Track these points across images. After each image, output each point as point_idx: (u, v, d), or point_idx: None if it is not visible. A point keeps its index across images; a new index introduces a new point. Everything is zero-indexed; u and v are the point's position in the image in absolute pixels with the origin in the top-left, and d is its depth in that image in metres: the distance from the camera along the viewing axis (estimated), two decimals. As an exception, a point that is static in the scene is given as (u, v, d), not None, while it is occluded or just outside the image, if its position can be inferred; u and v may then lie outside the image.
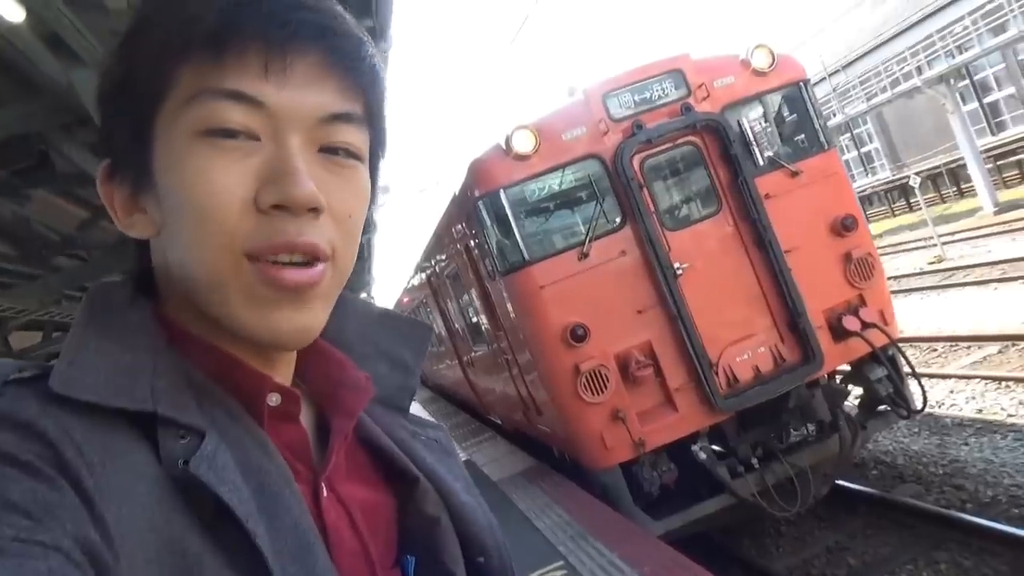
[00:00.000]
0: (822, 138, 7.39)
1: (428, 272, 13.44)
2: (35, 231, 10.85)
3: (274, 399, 0.78)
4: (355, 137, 0.78)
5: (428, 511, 0.86)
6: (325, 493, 0.79)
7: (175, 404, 0.70)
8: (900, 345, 7.28)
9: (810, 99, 7.42)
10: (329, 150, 0.76)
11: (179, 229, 0.73)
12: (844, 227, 7.02)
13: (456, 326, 12.44)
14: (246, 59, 0.71)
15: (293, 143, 0.73)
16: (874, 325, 6.92)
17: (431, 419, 1.05)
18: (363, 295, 40.38)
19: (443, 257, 10.98)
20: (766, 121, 7.37)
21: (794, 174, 7.07)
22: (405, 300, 22.86)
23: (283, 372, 0.83)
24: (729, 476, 6.83)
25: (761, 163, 7.14)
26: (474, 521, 0.89)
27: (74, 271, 12.38)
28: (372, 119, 0.80)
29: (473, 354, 11.75)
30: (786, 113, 7.52)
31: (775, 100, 7.43)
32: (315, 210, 0.73)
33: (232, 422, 0.74)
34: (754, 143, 7.16)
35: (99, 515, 0.60)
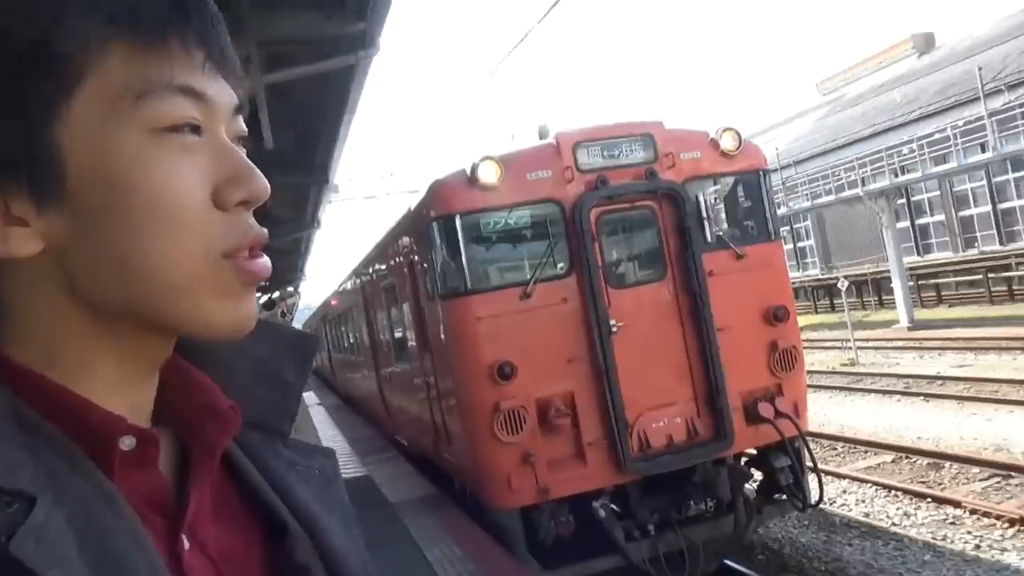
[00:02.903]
0: (771, 228, 7.67)
1: (364, 279, 13.27)
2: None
3: (127, 443, 0.67)
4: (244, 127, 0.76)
5: (298, 559, 0.78)
6: (187, 545, 0.70)
7: None
8: (807, 439, 7.54)
9: (766, 189, 7.71)
10: (237, 141, 0.74)
11: (136, 236, 0.65)
12: (776, 317, 7.26)
13: (381, 338, 12.29)
14: (190, 50, 0.68)
15: (227, 137, 0.71)
16: (787, 416, 7.15)
17: (318, 444, 0.96)
18: (290, 288, 39.55)
19: (383, 268, 10.87)
20: (722, 201, 7.62)
21: (739, 256, 7.30)
22: (333, 302, 22.49)
23: (142, 406, 0.73)
24: (624, 538, 6.89)
25: (710, 240, 7.35)
26: (347, 564, 0.82)
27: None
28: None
29: (392, 370, 11.60)
30: (742, 197, 7.79)
31: (734, 182, 7.69)
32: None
33: (73, 474, 0.63)
34: (708, 219, 7.38)
35: None
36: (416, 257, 8.04)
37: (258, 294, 32.20)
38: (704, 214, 7.39)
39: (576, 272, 6.96)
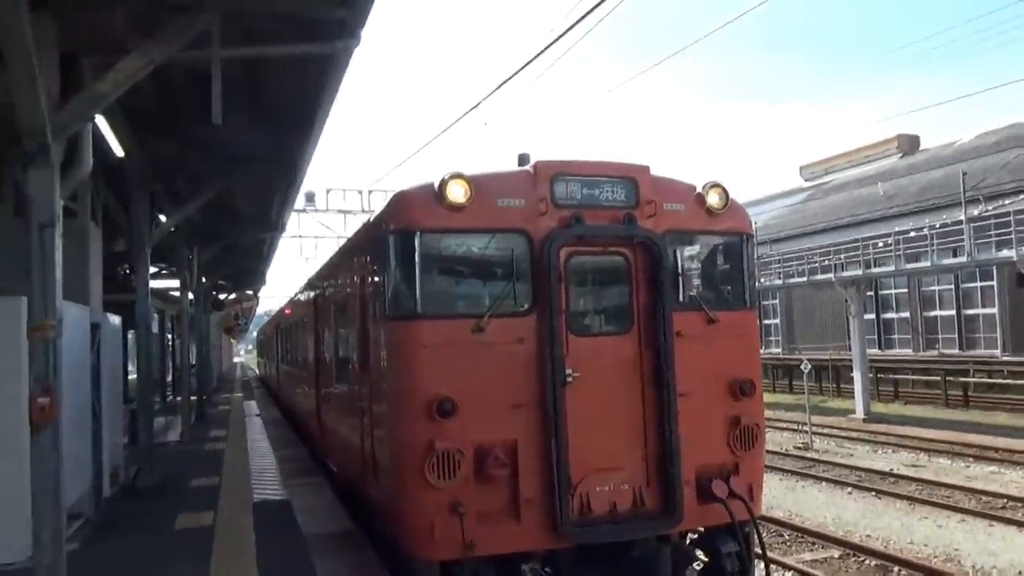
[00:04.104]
0: (748, 295, 7.23)
1: (316, 291, 12.64)
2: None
3: None
4: None
5: None
6: None
7: None
8: (759, 524, 7.00)
9: (748, 254, 7.29)
10: None
11: None
12: (742, 390, 6.78)
13: (325, 355, 11.61)
14: None
15: None
16: (740, 498, 6.62)
17: None
18: (248, 292, 38.52)
19: (336, 281, 10.27)
20: (700, 259, 7.18)
21: (711, 320, 6.83)
22: (287, 311, 21.76)
23: None
24: (550, 609, 6.24)
25: (682, 298, 6.89)
26: None
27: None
28: None
29: (331, 390, 10.93)
30: (721, 259, 7.36)
31: (715, 242, 7.27)
32: None
33: None
34: (682, 276, 6.93)
35: None
36: (368, 272, 7.46)
37: (216, 294, 31.21)
38: (679, 270, 6.94)
39: (537, 312, 6.41)
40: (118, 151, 9.54)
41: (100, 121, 8.29)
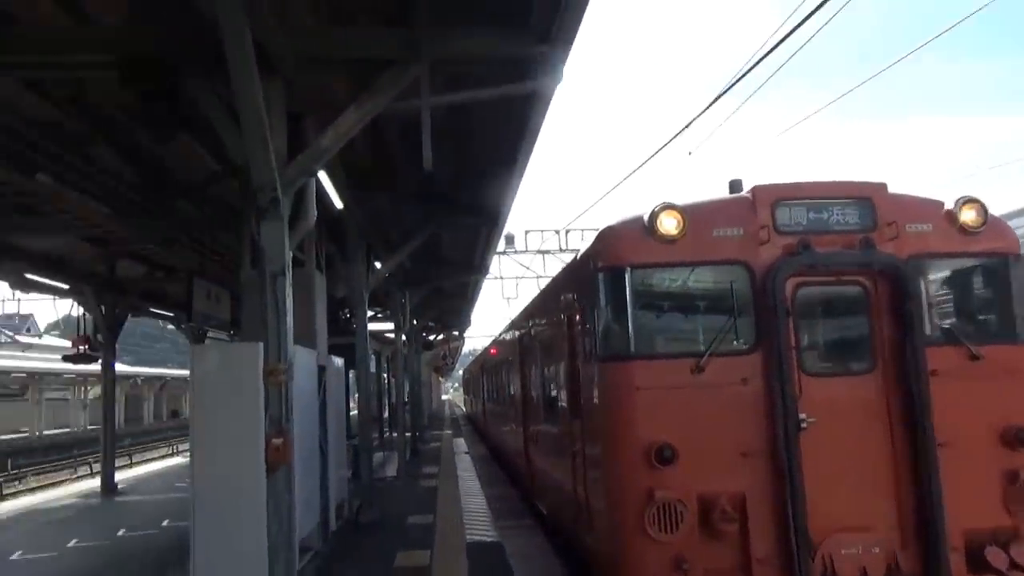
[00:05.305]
0: (1019, 327, 6.14)
1: (522, 331, 12.69)
2: (166, 168, 10.88)
3: None
4: None
5: None
6: None
7: None
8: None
9: (1017, 278, 6.22)
10: None
11: None
12: (1019, 439, 5.73)
13: (532, 395, 11.57)
14: None
15: None
16: (1024, 569, 5.55)
17: None
18: (454, 332, 40.11)
19: (542, 321, 10.20)
20: (956, 286, 6.24)
21: (974, 357, 5.87)
22: (492, 351, 22.25)
23: None
24: None
25: (936, 332, 6.00)
26: None
27: (187, 218, 12.39)
28: None
29: (539, 429, 10.81)
30: (981, 285, 6.36)
31: (973, 265, 6.29)
32: None
33: None
34: (934, 307, 6.05)
35: None
36: (576, 312, 7.24)
37: (425, 335, 32.80)
38: (929, 300, 6.06)
39: (762, 350, 5.84)
40: (337, 203, 10.18)
41: (322, 176, 8.86)
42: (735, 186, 6.66)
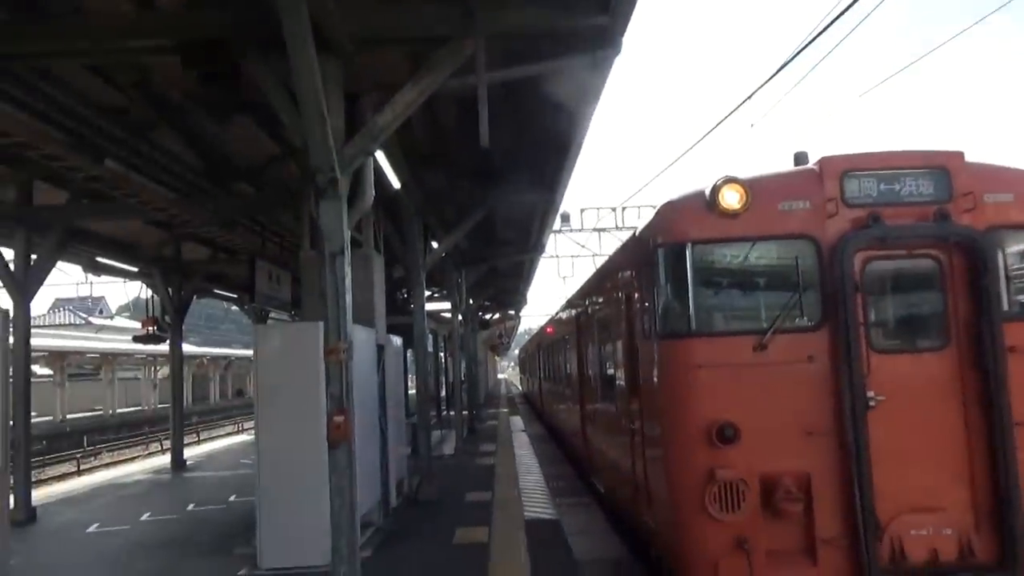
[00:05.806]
0: (1104, 301, 5.83)
1: (579, 309, 12.62)
2: (226, 152, 11.09)
3: None
4: None
5: None
6: None
7: None
8: None
9: (1105, 250, 5.89)
10: None
11: None
12: (1103, 419, 5.44)
13: (590, 374, 11.52)
14: None
15: None
16: (1110, 554, 5.29)
17: None
18: (510, 311, 40.22)
19: (599, 299, 10.12)
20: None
21: (1056, 333, 5.59)
22: (548, 330, 22.26)
23: None
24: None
25: (1014, 307, 5.74)
26: None
27: (248, 200, 12.64)
28: None
29: (597, 407, 10.77)
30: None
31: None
32: None
33: None
34: (1012, 280, 5.78)
35: None
36: (635, 289, 7.14)
37: (481, 314, 32.98)
38: (1008, 273, 5.79)
39: (828, 326, 5.67)
40: (395, 183, 10.24)
41: (379, 156, 8.91)
42: (800, 158, 6.45)
